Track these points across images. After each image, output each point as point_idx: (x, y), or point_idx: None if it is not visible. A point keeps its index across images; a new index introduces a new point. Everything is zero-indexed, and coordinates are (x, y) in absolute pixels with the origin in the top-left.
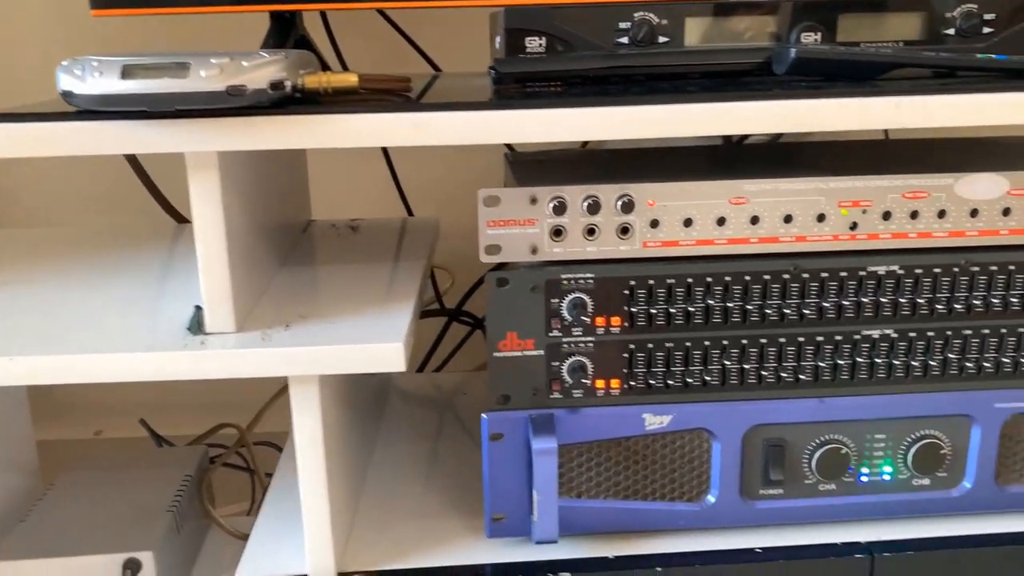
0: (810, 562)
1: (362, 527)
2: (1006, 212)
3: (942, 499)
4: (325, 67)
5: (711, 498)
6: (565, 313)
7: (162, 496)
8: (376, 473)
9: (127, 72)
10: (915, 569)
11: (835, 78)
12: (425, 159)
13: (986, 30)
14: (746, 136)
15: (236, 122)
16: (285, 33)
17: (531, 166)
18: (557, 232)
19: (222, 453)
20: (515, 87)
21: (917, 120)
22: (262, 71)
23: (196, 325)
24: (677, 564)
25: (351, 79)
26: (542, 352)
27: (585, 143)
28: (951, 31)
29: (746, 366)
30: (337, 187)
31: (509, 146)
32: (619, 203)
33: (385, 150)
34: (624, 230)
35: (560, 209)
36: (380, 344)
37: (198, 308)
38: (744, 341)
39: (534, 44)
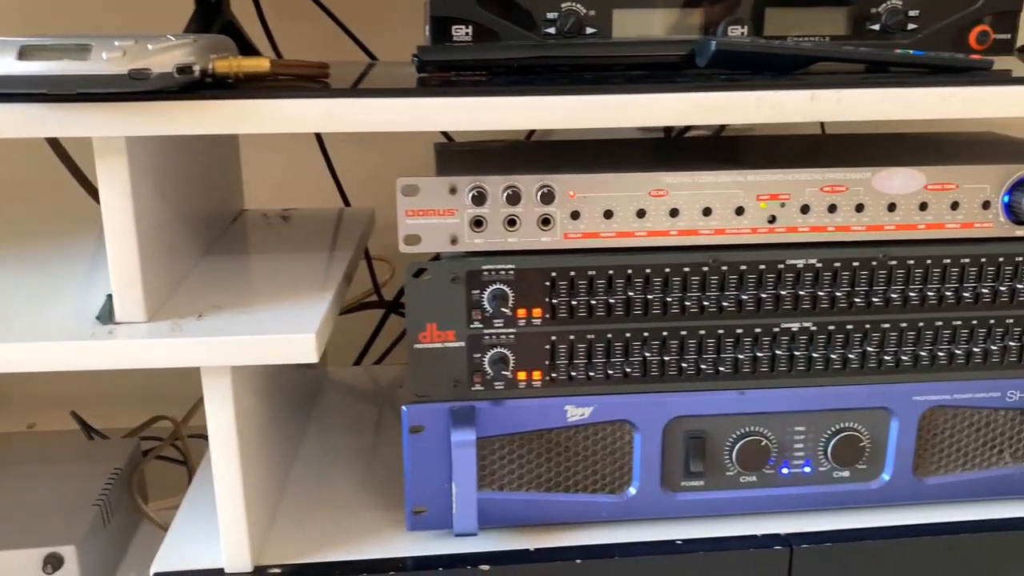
0: (730, 554)
1: (284, 520)
2: (923, 207)
3: (862, 491)
4: (254, 54)
5: (632, 490)
6: (486, 304)
7: (89, 490)
8: (303, 466)
9: (24, 53)
10: (833, 560)
11: (757, 71)
12: (364, 149)
13: (911, 26)
14: (687, 129)
15: (140, 107)
16: (210, 18)
17: (458, 156)
18: (478, 223)
19: (156, 446)
20: (439, 76)
21: (831, 113)
22: (168, 55)
23: (106, 314)
24: (597, 556)
25: (263, 64)
26: (463, 344)
27: (530, 134)
28: (877, 27)
29: (666, 358)
30: (275, 177)
31: (447, 136)
32: (539, 194)
33: (320, 139)
34: (545, 221)
35: (480, 199)
36: (291, 335)
37: (109, 297)
38: (664, 333)
39: (460, 33)
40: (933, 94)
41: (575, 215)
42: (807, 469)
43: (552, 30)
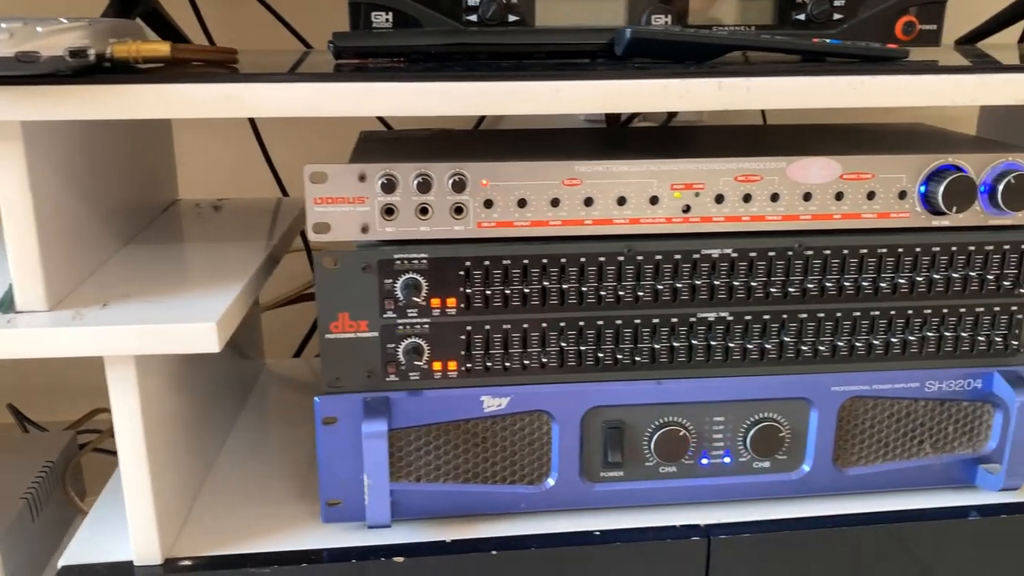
0: (647, 544)
1: (202, 512)
2: (839, 196)
3: (782, 482)
4: (183, 42)
5: (551, 481)
6: (399, 294)
7: (17, 483)
8: (229, 457)
9: None
10: (752, 551)
11: (677, 60)
12: (304, 138)
13: (836, 16)
14: (632, 119)
15: (30, 91)
16: (131, 4)
17: (380, 143)
18: (389, 211)
19: (94, 439)
20: (356, 63)
21: (740, 101)
22: (58, 37)
23: (7, 303)
24: (513, 547)
25: (162, 48)
26: (376, 334)
27: (478, 123)
28: (803, 17)
29: (583, 348)
30: (214, 167)
31: (385, 123)
32: (451, 182)
33: (255, 128)
34: (458, 210)
35: (389, 187)
36: (193, 324)
37: (11, 286)
38: (581, 323)
39: (380, 19)
40: (843, 82)
41: (488, 204)
42: (727, 459)
43: (474, 17)
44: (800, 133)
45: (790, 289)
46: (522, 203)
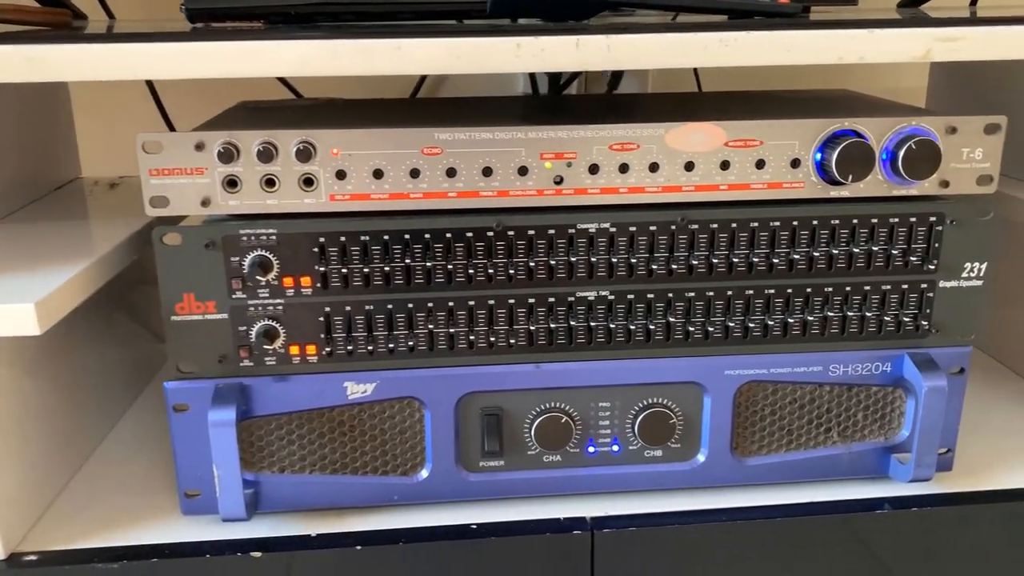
0: (527, 539)
1: (65, 505)
2: (724, 166)
3: (677, 472)
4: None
5: (425, 472)
6: (247, 273)
7: None
8: (109, 448)
9: None
10: (640, 547)
11: (550, 18)
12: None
13: None
14: (567, 85)
15: None
16: None
17: (246, 113)
18: (232, 183)
19: None
20: (210, 25)
21: (600, 61)
22: None
23: None
24: (380, 542)
25: None
26: (226, 316)
27: (417, 88)
28: None
29: (454, 330)
30: (121, 144)
31: (295, 91)
32: (295, 149)
33: (159, 104)
34: (308, 181)
35: (227, 156)
36: (9, 305)
37: None
38: (451, 303)
39: None
40: (713, 39)
41: (341, 175)
42: (615, 448)
43: None
44: (713, 100)
45: (674, 266)
46: (378, 174)
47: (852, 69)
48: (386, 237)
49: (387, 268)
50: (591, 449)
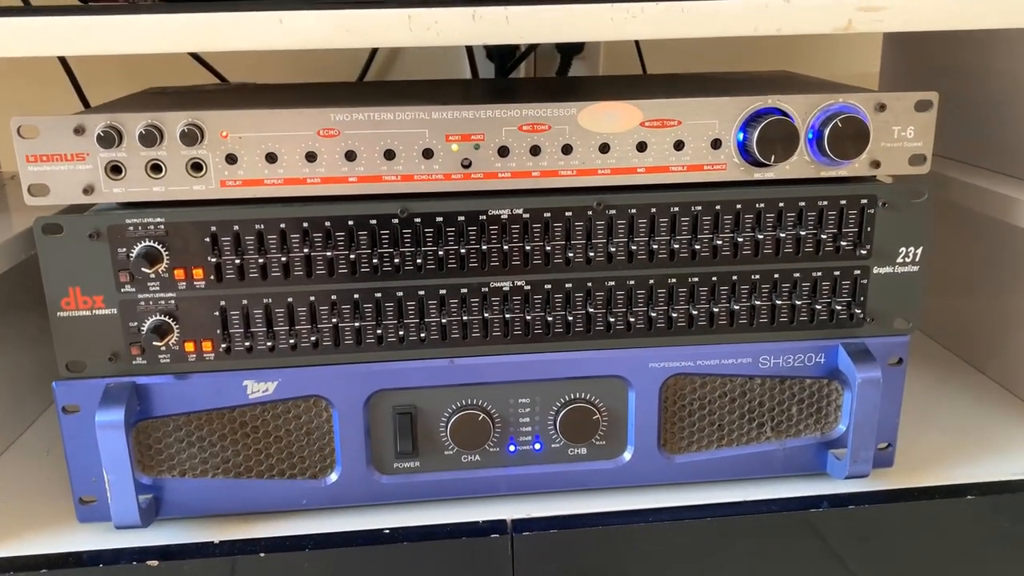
0: (443, 543)
1: None
2: (641, 147)
3: (602, 470)
4: None
5: (334, 475)
6: (134, 265)
7: None
8: (15, 453)
9: None
10: (563, 549)
11: None
12: None
13: None
14: (515, 65)
15: None
16: None
17: (152, 99)
18: (115, 169)
19: None
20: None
21: (499, 34)
22: None
23: None
24: (289, 548)
25: None
26: (115, 310)
27: (365, 71)
28: None
29: (361, 324)
30: None
31: (221, 78)
32: (181, 132)
33: (81, 94)
34: (196, 167)
35: (108, 140)
36: None
37: None
38: (356, 296)
39: None
40: (620, 10)
41: (231, 159)
42: (537, 446)
43: None
44: (653, 82)
45: (592, 254)
46: (271, 158)
47: (804, 52)
48: (282, 225)
49: (285, 258)
50: (511, 448)
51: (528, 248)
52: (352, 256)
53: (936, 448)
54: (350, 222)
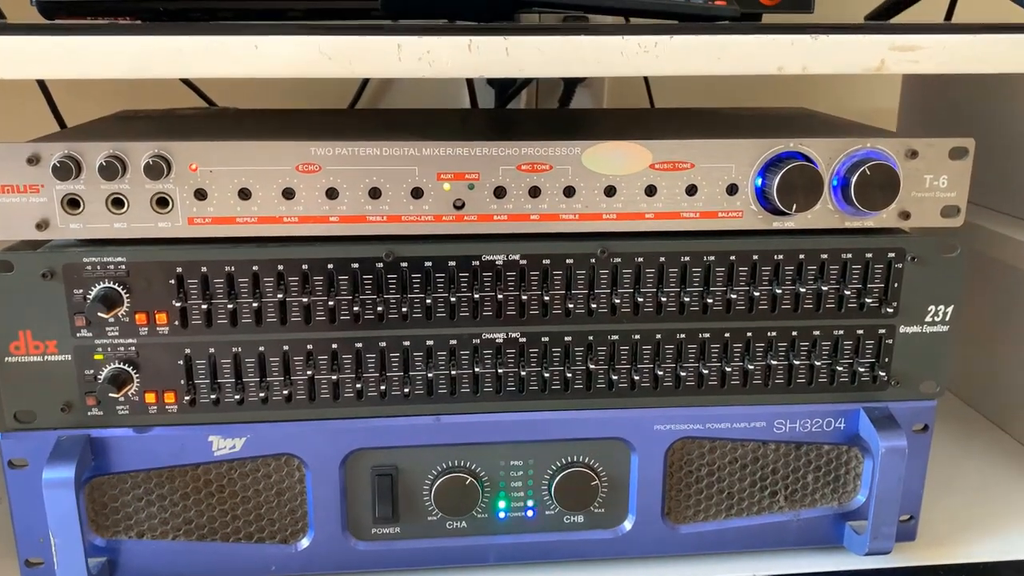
0: None
1: None
2: (650, 191)
3: (600, 541)
4: None
5: (306, 540)
6: (90, 308)
7: None
8: None
9: None
10: None
11: (453, 17)
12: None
13: None
14: (513, 96)
15: None
16: None
17: (115, 124)
18: (73, 203)
19: None
20: (65, 20)
21: (499, 67)
22: None
23: None
24: None
25: None
26: (69, 357)
27: (357, 98)
28: None
29: (340, 377)
30: None
31: (207, 100)
32: (145, 165)
33: (58, 118)
34: (162, 202)
35: (64, 171)
36: None
37: None
38: (334, 346)
39: None
40: (631, 44)
41: (201, 194)
42: (530, 513)
43: None
44: (661, 117)
45: (595, 305)
46: (245, 194)
47: (821, 88)
48: (255, 268)
49: (257, 304)
50: (502, 515)
51: (524, 297)
52: (331, 303)
53: (961, 518)
54: (330, 265)
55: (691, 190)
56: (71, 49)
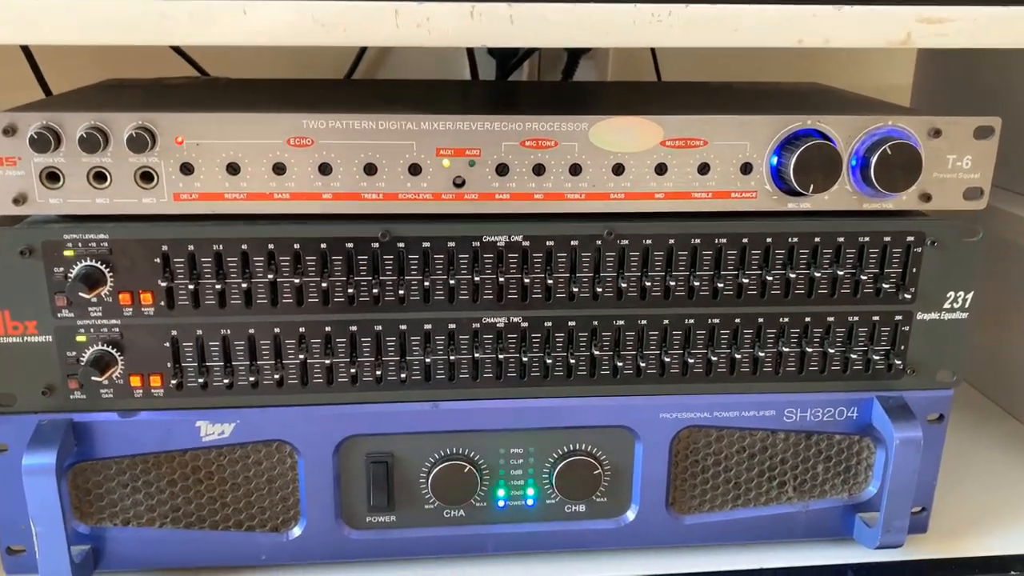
0: None
1: None
2: (660, 170)
3: (602, 531)
4: None
5: (298, 529)
6: (71, 288)
7: None
8: None
9: None
10: None
11: None
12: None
13: None
14: (515, 67)
15: None
16: None
17: (102, 92)
18: (52, 176)
19: None
20: None
21: (502, 36)
22: None
23: None
24: None
25: None
26: (50, 338)
27: (353, 68)
28: None
29: (333, 361)
30: None
31: (201, 70)
32: (128, 137)
33: (43, 85)
34: (146, 176)
35: (43, 143)
36: None
37: None
38: (328, 328)
39: None
40: (644, 12)
41: (187, 169)
42: (530, 502)
43: None
44: (665, 90)
45: (600, 289)
46: (233, 168)
47: (831, 61)
48: (244, 246)
49: (246, 284)
50: (501, 503)
51: (527, 280)
52: (324, 284)
53: (974, 509)
54: (323, 245)
55: (703, 169)
56: (48, 12)
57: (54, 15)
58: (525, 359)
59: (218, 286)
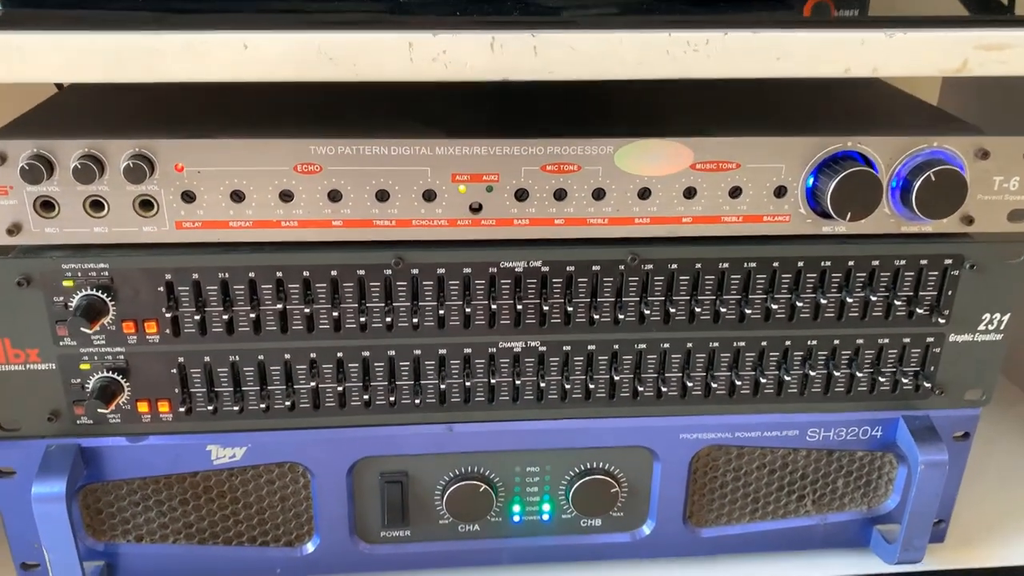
0: None
1: None
2: (689, 193)
3: (618, 544)
4: None
5: (311, 546)
6: (71, 320)
7: None
8: None
9: None
10: None
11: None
12: None
13: None
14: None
15: None
16: None
17: (73, 107)
18: (47, 205)
19: None
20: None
21: (524, 69)
22: None
23: None
24: None
25: None
26: (53, 365)
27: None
28: None
29: (346, 386)
30: None
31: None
32: (125, 166)
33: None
34: (146, 204)
35: (36, 174)
36: None
37: None
38: (339, 355)
39: None
40: (679, 41)
41: (189, 196)
42: (546, 517)
43: None
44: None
45: (621, 314)
46: (238, 196)
47: None
48: (251, 274)
49: (255, 313)
50: (516, 518)
51: (546, 307)
52: (335, 312)
53: (992, 513)
54: (333, 272)
55: (735, 192)
56: (27, 49)
57: (35, 51)
58: (543, 383)
59: (225, 316)
